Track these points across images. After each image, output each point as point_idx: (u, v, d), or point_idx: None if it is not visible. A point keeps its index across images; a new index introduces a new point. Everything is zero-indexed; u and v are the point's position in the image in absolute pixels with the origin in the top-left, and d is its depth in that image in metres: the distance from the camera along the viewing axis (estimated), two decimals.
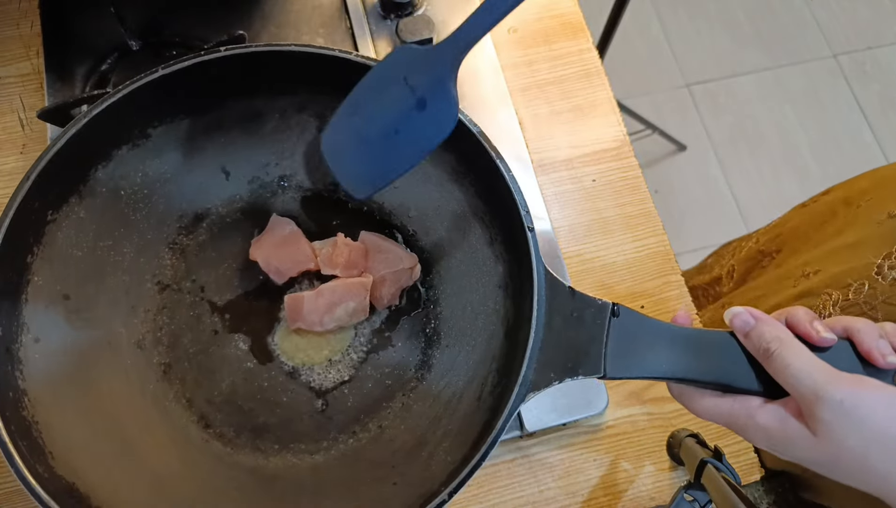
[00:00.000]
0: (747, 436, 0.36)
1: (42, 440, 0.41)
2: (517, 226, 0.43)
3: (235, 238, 0.54)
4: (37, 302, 0.44)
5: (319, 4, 0.66)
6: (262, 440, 0.49)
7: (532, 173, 0.63)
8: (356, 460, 0.48)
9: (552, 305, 0.41)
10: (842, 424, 0.32)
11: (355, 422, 0.50)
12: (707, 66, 1.72)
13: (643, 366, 0.39)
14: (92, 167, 0.47)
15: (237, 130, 0.52)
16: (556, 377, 0.40)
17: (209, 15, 0.63)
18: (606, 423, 0.56)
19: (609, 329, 0.39)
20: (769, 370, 0.36)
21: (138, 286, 0.51)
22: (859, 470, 0.33)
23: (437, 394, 0.49)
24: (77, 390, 0.45)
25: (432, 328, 0.53)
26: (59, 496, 0.38)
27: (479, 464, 0.39)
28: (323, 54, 0.46)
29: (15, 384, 0.41)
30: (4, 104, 0.63)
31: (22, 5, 0.66)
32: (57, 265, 0.46)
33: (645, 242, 0.62)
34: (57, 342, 0.45)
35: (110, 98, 0.44)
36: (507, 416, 0.39)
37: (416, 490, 0.42)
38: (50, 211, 0.45)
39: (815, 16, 1.80)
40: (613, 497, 0.55)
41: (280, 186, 0.55)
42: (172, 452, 0.47)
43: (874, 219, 0.57)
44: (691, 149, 1.64)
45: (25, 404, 0.41)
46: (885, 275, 0.51)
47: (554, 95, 0.67)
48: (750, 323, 0.37)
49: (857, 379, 0.33)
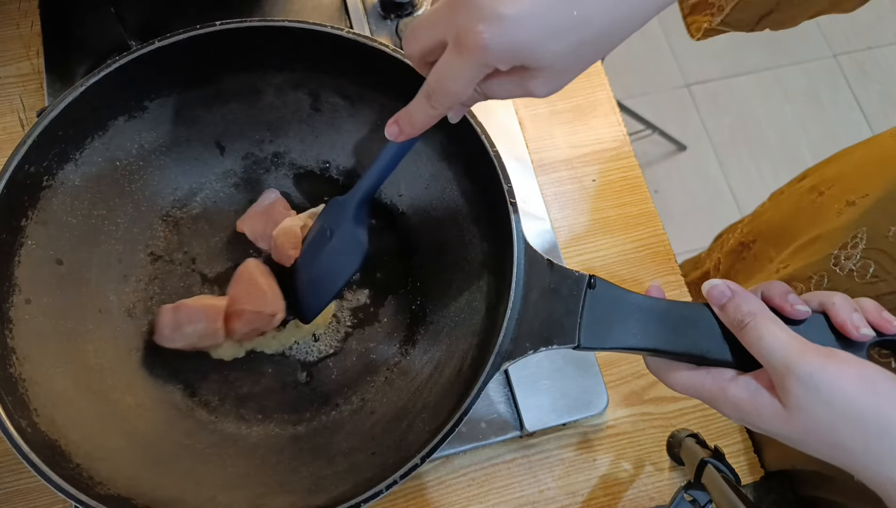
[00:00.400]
0: (719, 408, 0.37)
1: (27, 396, 0.42)
2: (501, 202, 0.44)
3: (228, 212, 0.55)
4: (29, 265, 0.45)
5: (319, 4, 0.66)
6: (245, 409, 0.50)
7: (532, 173, 0.63)
8: (336, 431, 0.49)
9: (531, 278, 0.42)
10: (811, 397, 0.32)
11: (338, 395, 0.51)
12: (707, 66, 1.72)
13: (617, 337, 0.39)
14: (88, 136, 0.48)
15: (232, 105, 0.53)
16: (531, 347, 0.40)
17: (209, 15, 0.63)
18: (606, 423, 0.56)
19: (585, 301, 0.40)
20: (743, 342, 0.36)
21: (131, 256, 0.52)
22: (827, 444, 0.33)
23: (420, 369, 0.50)
24: (65, 351, 0.46)
25: (418, 304, 0.54)
26: (41, 450, 0.39)
27: (453, 430, 0.39)
28: (314, 30, 0.47)
29: (3, 342, 0.42)
30: (4, 104, 0.63)
31: (22, 5, 0.66)
32: (51, 230, 0.47)
33: (645, 242, 0.62)
34: (47, 304, 0.46)
35: (106, 69, 0.45)
36: (481, 384, 0.40)
37: (391, 457, 0.43)
38: (46, 177, 0.46)
39: None
40: (613, 497, 0.55)
41: (273, 162, 0.56)
42: (156, 416, 0.48)
43: (834, 209, 0.57)
44: (691, 149, 1.64)
45: (13, 361, 0.42)
46: (843, 266, 0.50)
47: (554, 95, 0.66)
48: (726, 294, 0.37)
49: (828, 352, 0.33)
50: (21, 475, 0.52)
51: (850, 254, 0.50)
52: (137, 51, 0.45)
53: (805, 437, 0.34)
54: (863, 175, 0.57)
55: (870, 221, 0.51)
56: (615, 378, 0.58)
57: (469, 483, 0.54)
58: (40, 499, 0.51)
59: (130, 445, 0.45)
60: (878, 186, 0.53)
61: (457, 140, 0.49)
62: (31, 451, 0.38)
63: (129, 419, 0.47)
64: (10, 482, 0.52)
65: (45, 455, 0.39)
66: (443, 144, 0.51)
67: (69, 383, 0.45)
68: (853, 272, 0.49)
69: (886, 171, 0.54)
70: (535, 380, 0.55)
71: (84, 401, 0.45)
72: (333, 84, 0.52)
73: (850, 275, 0.50)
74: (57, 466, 0.39)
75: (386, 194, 0.55)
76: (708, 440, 0.52)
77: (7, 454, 0.38)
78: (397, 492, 0.53)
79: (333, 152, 0.56)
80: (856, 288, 0.49)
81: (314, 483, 0.45)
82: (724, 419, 0.58)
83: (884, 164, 0.56)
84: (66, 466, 0.40)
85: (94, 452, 0.42)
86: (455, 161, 0.51)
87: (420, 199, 0.54)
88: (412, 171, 0.53)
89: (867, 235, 0.50)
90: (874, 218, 0.51)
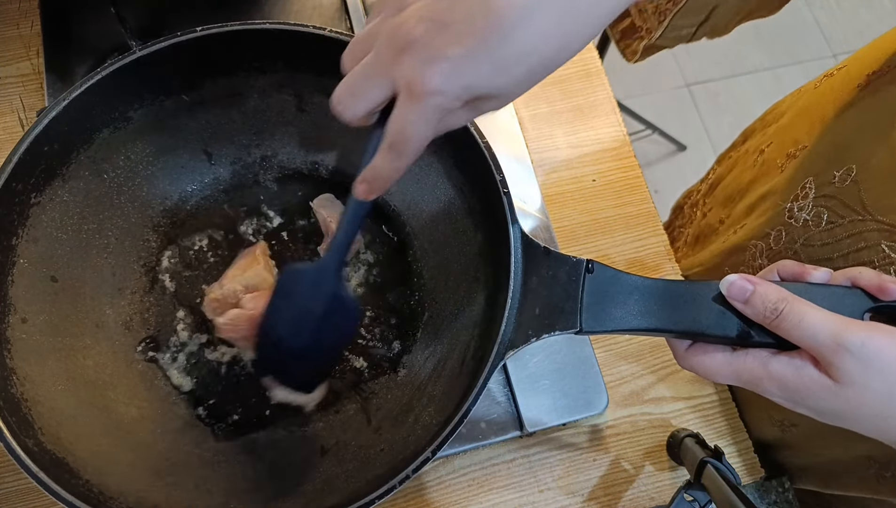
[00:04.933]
0: (762, 387, 0.36)
1: (31, 416, 0.41)
2: (493, 192, 0.44)
3: (218, 220, 0.55)
4: (23, 283, 0.45)
5: (319, 4, 0.66)
6: (251, 413, 0.50)
7: (532, 173, 0.63)
8: (344, 430, 0.49)
9: (528, 265, 0.42)
10: (864, 368, 0.32)
11: (343, 393, 0.51)
12: (707, 66, 1.72)
13: (618, 319, 0.39)
14: (74, 151, 0.47)
15: (216, 110, 0.53)
16: (533, 335, 0.40)
17: (209, 15, 0.63)
18: (606, 423, 0.56)
19: (584, 285, 0.40)
20: (779, 330, 0.35)
21: (124, 268, 0.52)
22: (881, 417, 0.33)
23: (423, 363, 0.50)
24: (65, 368, 0.46)
25: (416, 299, 0.54)
26: (50, 469, 0.38)
27: (462, 421, 0.39)
28: (297, 31, 0.46)
29: (2, 363, 0.42)
30: (4, 104, 0.63)
31: (22, 5, 0.66)
32: (42, 247, 0.47)
33: (645, 242, 0.62)
34: (44, 322, 0.46)
35: (87, 82, 0.45)
36: (486, 374, 0.40)
37: (400, 452, 0.43)
38: (34, 194, 0.46)
39: (816, 16, 1.80)
40: (613, 497, 0.55)
41: (262, 166, 0.56)
42: (162, 427, 0.48)
43: (776, 164, 0.57)
44: (691, 149, 1.64)
45: (14, 381, 0.42)
46: (797, 218, 0.51)
47: (554, 95, 0.67)
48: (748, 288, 0.36)
49: (868, 324, 0.33)
50: (21, 475, 0.51)
51: (802, 205, 0.50)
52: (118, 62, 0.45)
53: (857, 411, 0.33)
54: (795, 128, 0.58)
55: (814, 169, 0.51)
56: (615, 378, 0.58)
57: (469, 483, 0.54)
58: (40, 499, 0.51)
59: (138, 458, 0.45)
60: (811, 135, 0.54)
61: (445, 133, 0.49)
62: (39, 470, 0.38)
63: (135, 431, 0.46)
64: (11, 482, 0.52)
65: (53, 473, 0.38)
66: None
67: (72, 400, 0.45)
68: (808, 222, 0.50)
69: (815, 120, 0.54)
70: (535, 380, 0.55)
71: (88, 417, 0.45)
72: (316, 83, 0.52)
73: (805, 225, 0.50)
74: (67, 483, 0.38)
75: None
76: (708, 440, 0.52)
77: (7, 454, 0.38)
78: (397, 493, 0.53)
79: (321, 153, 0.56)
80: (813, 236, 0.49)
81: (325, 483, 0.45)
82: (724, 419, 0.58)
83: (810, 114, 0.56)
84: (76, 483, 0.40)
85: (102, 467, 0.42)
86: (444, 154, 0.51)
87: (412, 194, 0.54)
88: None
89: (814, 183, 0.50)
90: (817, 166, 0.51)
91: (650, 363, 0.58)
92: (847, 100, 0.51)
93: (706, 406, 0.58)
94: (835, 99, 0.53)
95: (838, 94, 0.53)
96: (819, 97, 0.57)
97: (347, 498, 0.39)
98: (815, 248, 0.49)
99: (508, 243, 0.42)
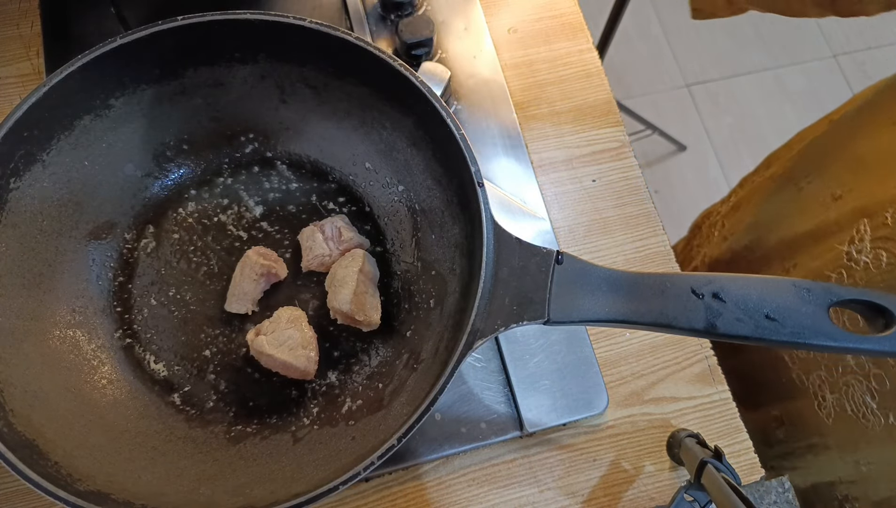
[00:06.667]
0: None
1: (3, 397, 0.42)
2: (469, 184, 0.44)
3: (198, 209, 0.55)
4: (1, 268, 0.45)
5: (319, 4, 0.66)
6: (224, 403, 0.51)
7: (532, 173, 0.63)
8: (315, 421, 0.50)
9: (500, 256, 0.42)
10: None
11: (316, 384, 0.51)
12: (707, 66, 1.73)
13: (585, 310, 0.40)
14: (55, 137, 0.47)
15: (199, 100, 0.53)
16: (501, 324, 0.41)
17: None
18: (606, 423, 0.56)
19: (553, 276, 0.41)
20: None
21: (103, 255, 0.52)
22: None
23: (398, 355, 0.51)
24: (40, 352, 0.46)
25: (393, 292, 0.54)
26: (18, 450, 0.39)
27: (429, 409, 0.40)
28: (277, 21, 0.47)
29: None
30: (4, 104, 0.63)
31: (22, 5, 0.66)
32: (21, 232, 0.47)
33: (645, 242, 0.63)
34: (20, 306, 0.46)
35: (68, 68, 0.45)
36: (455, 364, 0.40)
37: (370, 441, 0.43)
38: (13, 179, 0.46)
39: None
40: (613, 497, 0.55)
41: (244, 156, 0.56)
42: (135, 412, 0.48)
43: (819, 201, 0.58)
44: (691, 149, 1.64)
45: None
46: (857, 260, 0.51)
47: (554, 95, 0.67)
48: None
49: None
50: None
51: (860, 247, 0.51)
52: (99, 49, 0.45)
53: None
54: (834, 168, 0.58)
55: (866, 211, 0.51)
56: (615, 378, 0.58)
57: (469, 483, 0.54)
58: (40, 499, 0.51)
59: (110, 441, 0.45)
60: (856, 179, 0.54)
61: (424, 126, 0.49)
62: (7, 450, 0.38)
63: (108, 416, 0.47)
64: (11, 482, 0.52)
65: (21, 454, 0.39)
66: (411, 130, 0.51)
67: (46, 383, 0.45)
68: (868, 264, 0.50)
69: (855, 163, 0.55)
70: (535, 380, 0.55)
71: (61, 400, 0.45)
72: (298, 74, 0.52)
73: (866, 267, 0.51)
74: (35, 465, 0.39)
75: (358, 183, 0.56)
76: (708, 440, 0.52)
77: None
78: (397, 493, 0.53)
79: (303, 144, 0.56)
80: (874, 278, 0.50)
81: (295, 471, 0.45)
82: (724, 419, 0.58)
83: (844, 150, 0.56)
84: (45, 464, 0.40)
85: (73, 450, 0.42)
86: (424, 147, 0.51)
87: (390, 187, 0.54)
88: (384, 160, 0.54)
89: (869, 225, 0.51)
90: (868, 208, 0.51)
91: (650, 363, 0.58)
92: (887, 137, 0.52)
93: (706, 406, 0.58)
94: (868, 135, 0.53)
95: (868, 129, 0.54)
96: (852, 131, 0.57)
97: (315, 485, 0.39)
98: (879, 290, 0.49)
99: (482, 234, 0.42)
